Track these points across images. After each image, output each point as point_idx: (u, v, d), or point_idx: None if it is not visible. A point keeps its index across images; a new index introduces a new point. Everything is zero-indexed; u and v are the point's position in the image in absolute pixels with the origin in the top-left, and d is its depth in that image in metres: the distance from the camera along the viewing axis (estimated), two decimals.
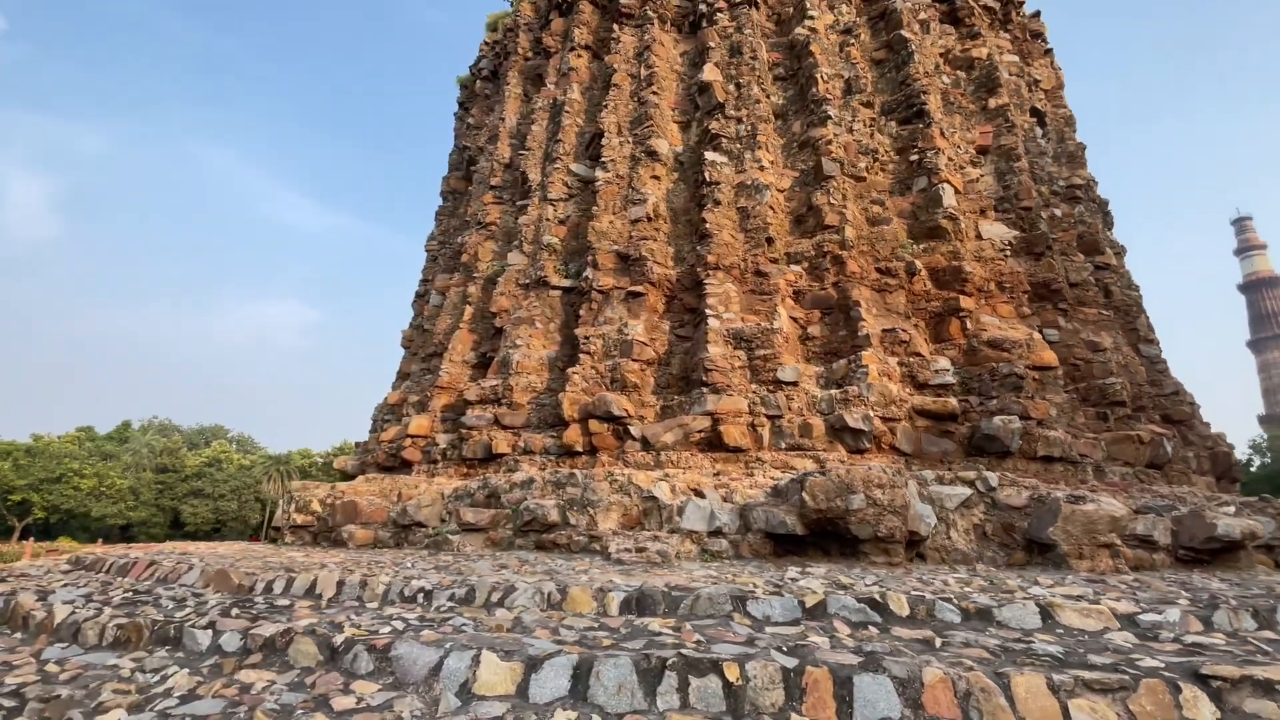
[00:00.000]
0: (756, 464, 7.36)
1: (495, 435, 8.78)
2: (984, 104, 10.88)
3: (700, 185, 9.81)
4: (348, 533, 8.02)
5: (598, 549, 6.52)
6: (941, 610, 3.50)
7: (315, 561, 5.94)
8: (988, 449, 7.37)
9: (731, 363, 7.95)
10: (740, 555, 6.29)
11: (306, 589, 4.34)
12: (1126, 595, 4.10)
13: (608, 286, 9.38)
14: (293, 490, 9.77)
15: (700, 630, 3.22)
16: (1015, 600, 3.59)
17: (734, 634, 3.15)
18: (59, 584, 4.99)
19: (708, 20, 11.30)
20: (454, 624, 3.36)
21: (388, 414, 12.05)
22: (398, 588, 4.14)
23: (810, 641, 2.98)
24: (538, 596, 3.86)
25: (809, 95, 10.28)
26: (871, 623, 3.40)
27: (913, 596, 3.56)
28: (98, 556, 6.45)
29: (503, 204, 12.14)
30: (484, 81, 14.84)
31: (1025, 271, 9.18)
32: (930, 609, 3.50)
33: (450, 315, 11.55)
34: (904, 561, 5.77)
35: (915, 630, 3.25)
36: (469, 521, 7.17)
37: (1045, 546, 5.97)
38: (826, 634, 3.17)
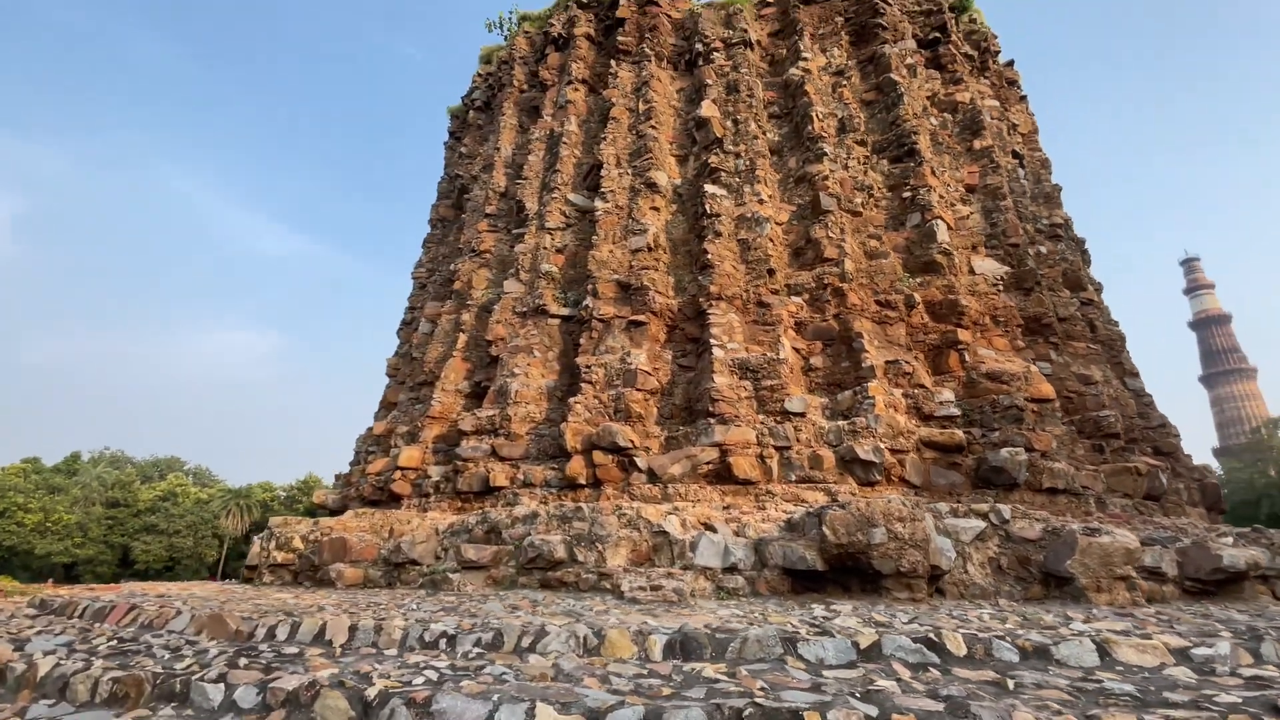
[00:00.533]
0: (767, 497, 7.23)
1: (493, 467, 8.50)
2: (969, 145, 11.30)
3: (700, 217, 9.89)
4: (335, 572, 7.58)
5: (608, 587, 6.27)
6: (999, 649, 3.38)
7: (308, 604, 5.57)
8: (995, 481, 7.39)
9: (738, 393, 7.88)
10: (757, 592, 6.11)
11: (315, 634, 4.02)
12: (1165, 629, 4.05)
13: (608, 315, 9.29)
14: (272, 526, 9.27)
15: (758, 676, 3.05)
16: (1069, 637, 3.50)
17: (795, 679, 2.98)
18: (30, 631, 4.54)
19: (704, 59, 11.58)
20: (491, 673, 3.12)
21: (373, 445, 11.62)
22: (416, 632, 3.86)
23: (879, 686, 2.83)
24: (572, 640, 3.63)
25: (804, 133, 10.54)
26: (930, 664, 3.27)
27: (968, 635, 3.45)
28: (67, 599, 5.94)
29: (497, 232, 12.05)
30: (477, 112, 14.90)
31: (1016, 306, 9.41)
32: (988, 648, 3.38)
33: (442, 343, 11.29)
34: (926, 597, 5.66)
35: (977, 671, 3.13)
36: (470, 559, 6.84)
37: (1063, 580, 5.93)
38: (890, 677, 3.02)
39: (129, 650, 3.82)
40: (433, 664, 3.32)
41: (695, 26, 12.03)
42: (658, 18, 12.32)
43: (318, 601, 5.70)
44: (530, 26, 14.41)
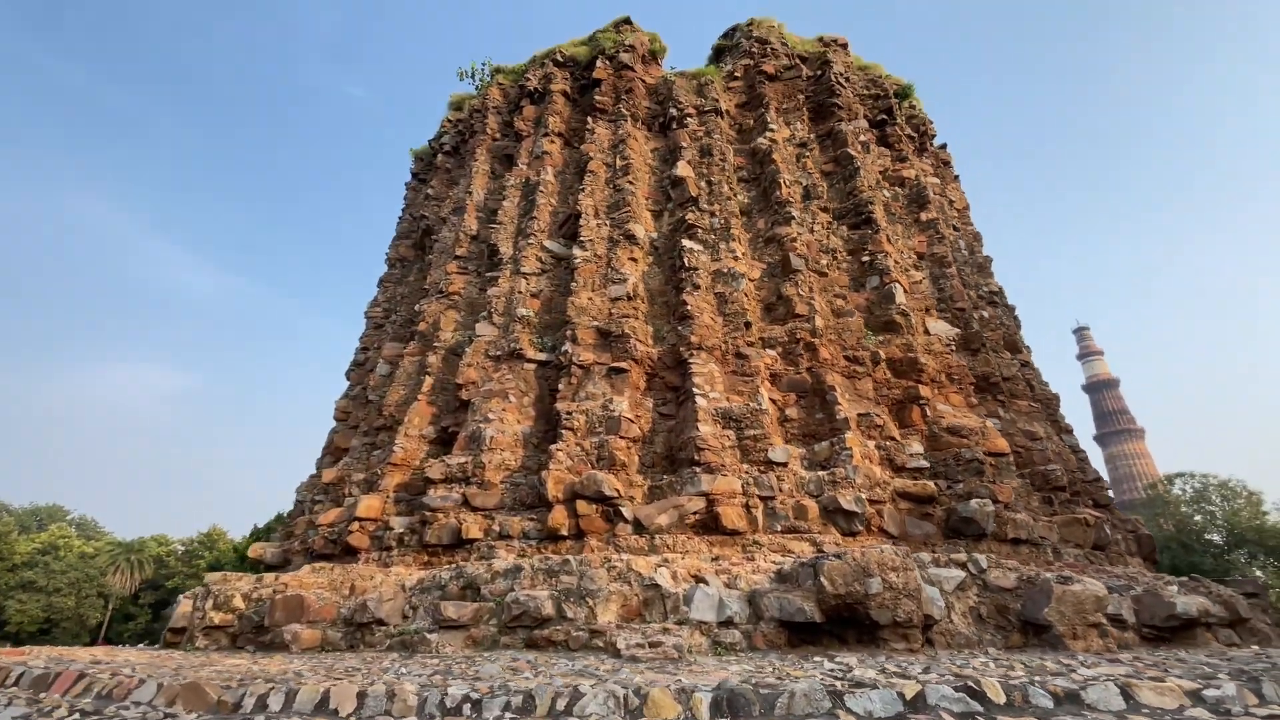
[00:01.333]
0: (754, 547, 7.23)
1: (465, 517, 8.09)
2: (917, 217, 12.29)
3: (678, 270, 10.16)
4: (290, 633, 6.89)
5: (601, 645, 6.00)
6: (1035, 695, 3.48)
7: (277, 670, 5.02)
8: (964, 531, 7.72)
9: (722, 442, 7.96)
10: (754, 646, 6.01)
11: (316, 703, 3.62)
12: (1163, 673, 4.29)
13: (589, 362, 9.25)
14: (209, 583, 8.38)
15: None
16: (1093, 681, 3.65)
17: None
18: None
19: (678, 123, 12.17)
20: None
21: (319, 494, 10.84)
22: (434, 698, 3.56)
23: None
24: (611, 702, 3.44)
25: (773, 197, 11.17)
26: (975, 712, 3.31)
27: (1005, 683, 3.53)
28: None
29: (467, 274, 11.88)
30: (446, 155, 14.90)
31: (966, 365, 10.11)
32: (1025, 695, 3.47)
33: (404, 386, 10.83)
34: (921, 647, 5.76)
35: (1019, 718, 3.20)
36: (450, 617, 6.40)
37: (1040, 627, 6.19)
38: None
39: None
40: None
41: (669, 92, 12.67)
42: (633, 81, 12.92)
43: (286, 668, 5.14)
44: (504, 79, 14.74)
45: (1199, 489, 32.04)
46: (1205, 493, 31.70)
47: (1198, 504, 31.72)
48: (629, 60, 13.13)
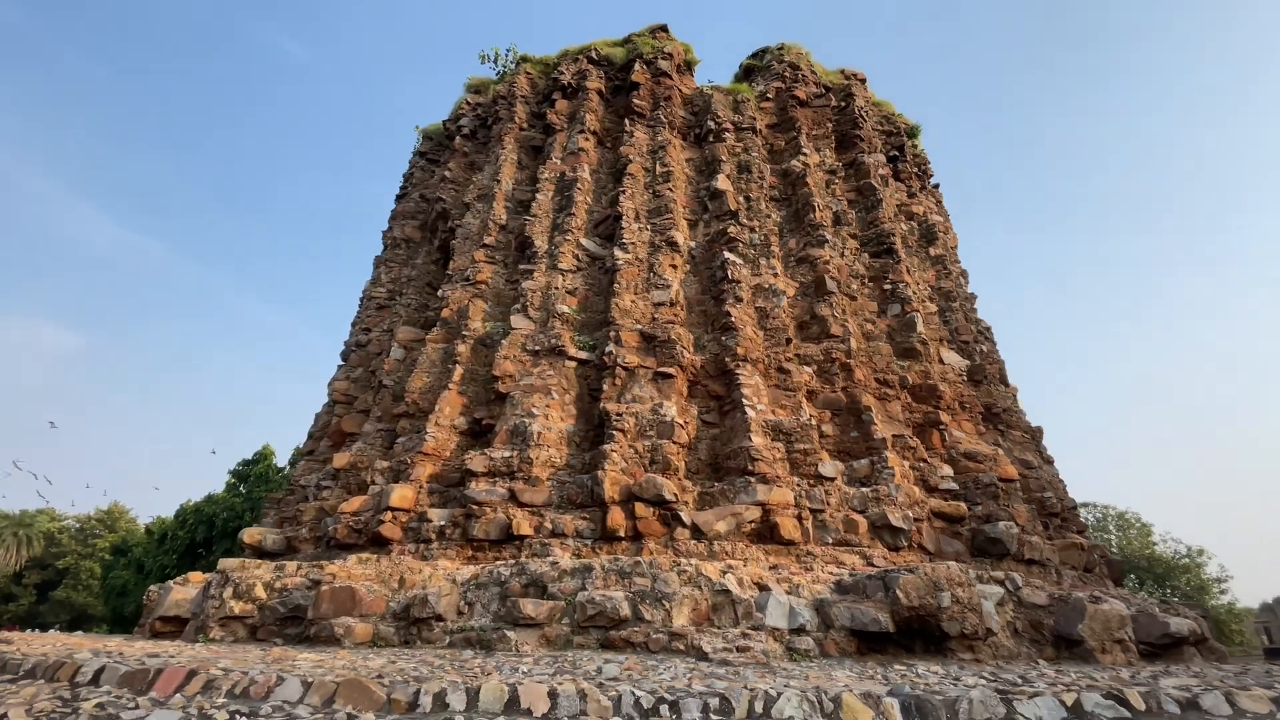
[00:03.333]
0: (808, 557, 7.52)
1: (514, 513, 7.97)
2: (927, 251, 13.09)
3: (720, 281, 10.38)
4: (342, 627, 6.58)
5: (682, 647, 6.11)
6: (1166, 703, 3.90)
7: (377, 666, 4.85)
8: (990, 551, 8.33)
9: (774, 454, 8.23)
10: (826, 654, 6.28)
11: (505, 701, 3.57)
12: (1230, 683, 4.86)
13: (633, 364, 9.31)
14: (227, 570, 7.87)
15: None
16: (1206, 691, 4.12)
17: None
18: (46, 706, 3.50)
19: (715, 136, 12.42)
20: None
21: (329, 480, 10.33)
22: (628, 699, 3.59)
23: None
24: (806, 705, 3.60)
25: (806, 219, 11.60)
26: (1124, 718, 3.69)
27: (1143, 692, 3.94)
28: (39, 659, 4.58)
29: (494, 264, 11.64)
30: (465, 139, 14.51)
31: (975, 395, 10.87)
32: (1159, 702, 3.89)
33: (427, 373, 10.49)
34: (985, 658, 6.21)
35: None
36: (528, 615, 6.31)
37: (1073, 642, 6.79)
38: None
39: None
40: None
41: (706, 105, 12.91)
42: (672, 90, 13.07)
43: (394, 665, 4.97)
44: (532, 69, 14.53)
45: (1099, 519, 35.34)
46: (1104, 522, 35.00)
47: (1098, 533, 34.97)
48: (667, 68, 13.28)
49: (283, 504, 11.38)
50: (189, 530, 27.93)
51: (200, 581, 9.19)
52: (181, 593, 8.82)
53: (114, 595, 30.33)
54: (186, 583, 9.14)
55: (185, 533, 27.97)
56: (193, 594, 8.82)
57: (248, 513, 27.77)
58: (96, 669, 4.24)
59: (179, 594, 8.76)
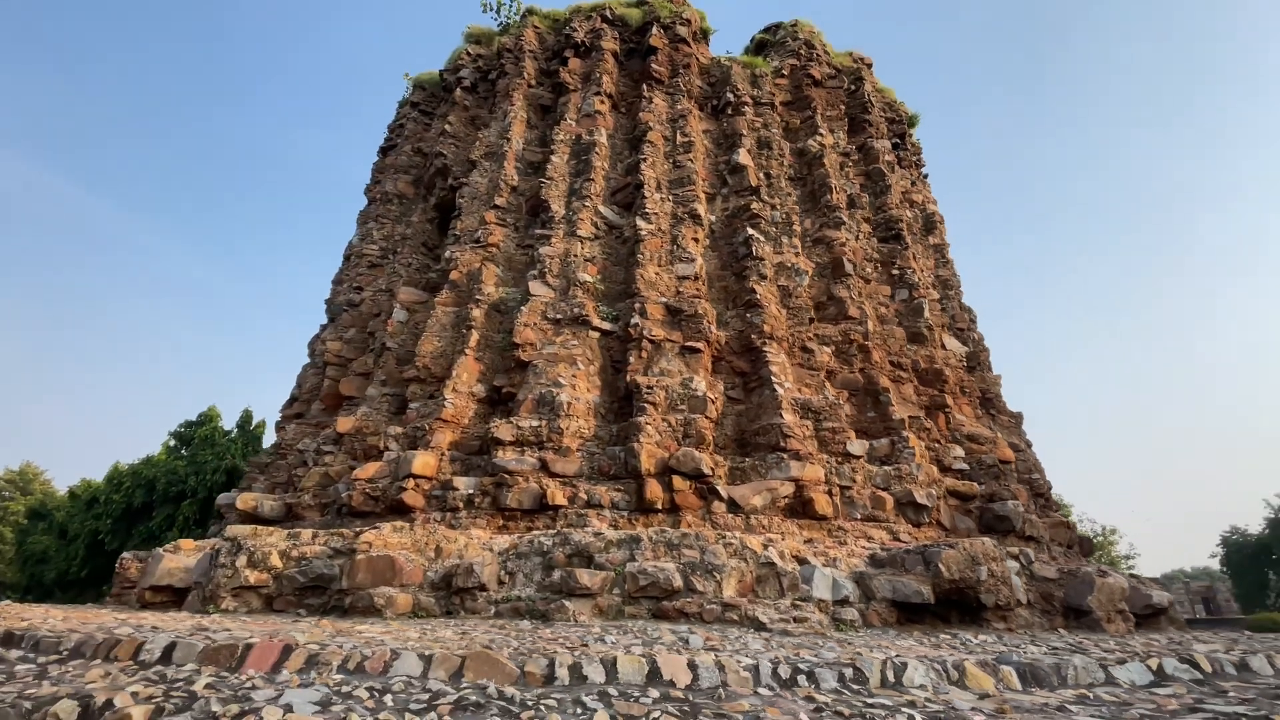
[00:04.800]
0: (839, 532, 7.74)
1: (547, 483, 7.82)
2: (927, 239, 13.44)
3: (742, 258, 10.36)
4: (383, 597, 6.33)
5: (736, 618, 6.20)
6: (1224, 665, 4.26)
7: (448, 637, 4.71)
8: (997, 528, 8.81)
9: (804, 431, 8.37)
10: (869, 624, 6.52)
11: (645, 674, 3.52)
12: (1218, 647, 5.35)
13: (659, 338, 9.21)
14: (239, 536, 7.43)
15: (1134, 695, 3.49)
16: (1253, 654, 4.52)
17: (1167, 697, 3.48)
18: (145, 690, 3.22)
19: (734, 109, 12.25)
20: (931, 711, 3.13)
21: (330, 444, 9.85)
22: (766, 669, 3.62)
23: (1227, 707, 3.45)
24: (933, 673, 3.72)
25: (822, 200, 11.68)
26: (1197, 679, 4.00)
27: (1208, 655, 4.28)
28: (83, 638, 4.18)
29: (505, 226, 11.20)
30: (465, 92, 13.76)
31: (973, 381, 11.36)
32: (1220, 665, 4.24)
33: (438, 338, 10.06)
34: (1016, 627, 6.60)
35: (1239, 682, 3.93)
36: (584, 585, 6.25)
37: (1080, 612, 7.32)
38: (1217, 693, 3.67)
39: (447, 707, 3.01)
40: (841, 705, 3.19)
41: (724, 77, 12.69)
42: (690, 58, 12.76)
43: (475, 637, 4.83)
44: (540, 23, 13.86)
45: None
46: None
47: None
48: (685, 35, 12.94)
49: (272, 468, 10.78)
50: (125, 494, 26.12)
51: (193, 549, 8.66)
52: (174, 560, 8.29)
53: (32, 562, 28.22)
54: (178, 550, 8.59)
55: (121, 496, 26.11)
56: (187, 562, 8.31)
57: (192, 477, 26.20)
58: (165, 645, 3.92)
59: (171, 562, 8.23)
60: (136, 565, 9.86)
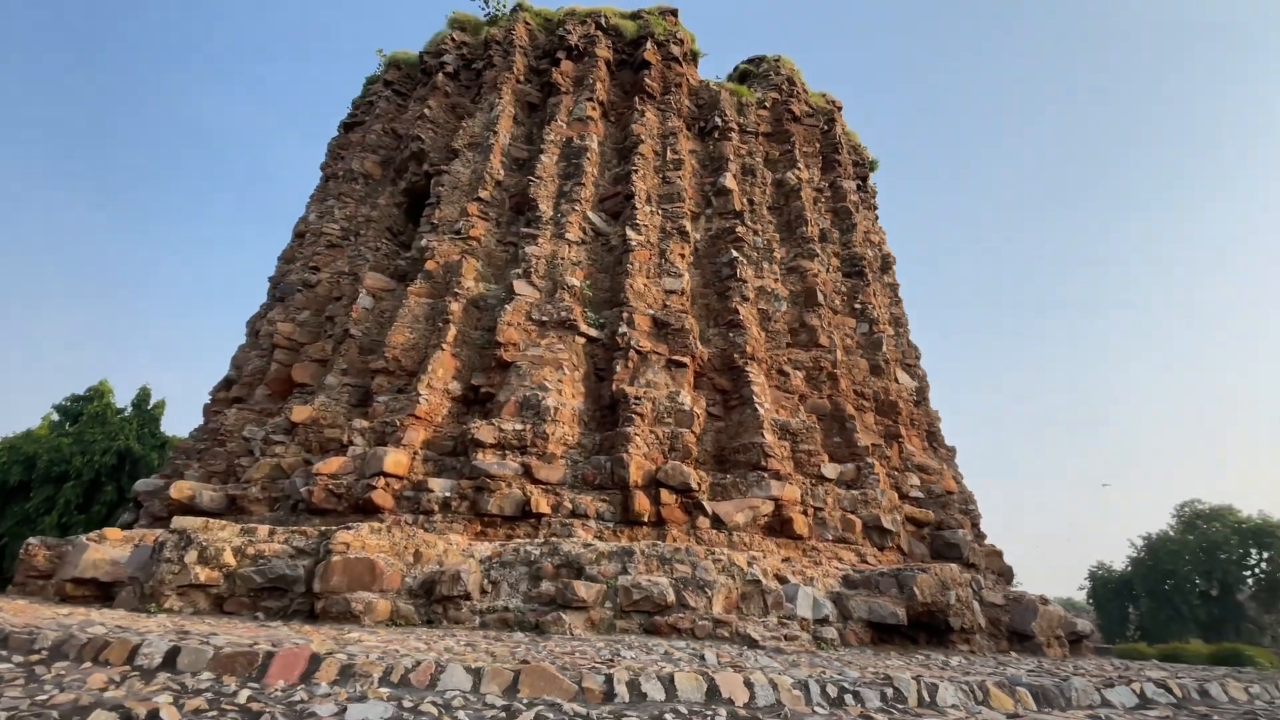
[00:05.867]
0: (813, 552, 8.00)
1: (530, 490, 7.59)
2: (882, 278, 14.28)
3: (725, 278, 10.58)
4: (361, 603, 5.90)
5: (726, 634, 6.27)
6: (1190, 690, 4.76)
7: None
8: (946, 554, 9.40)
9: (782, 451, 8.61)
10: (847, 643, 6.77)
11: (704, 692, 3.49)
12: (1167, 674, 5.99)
13: (646, 349, 9.22)
14: (187, 529, 6.72)
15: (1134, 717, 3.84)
16: (1210, 681, 5.07)
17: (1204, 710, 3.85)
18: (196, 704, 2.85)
19: (721, 134, 12.55)
20: None
21: (282, 434, 9.11)
22: (815, 690, 3.69)
23: None
24: (961, 693, 3.93)
25: (797, 231, 12.16)
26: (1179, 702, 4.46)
27: (1178, 683, 4.77)
28: (61, 636, 3.61)
29: (488, 221, 10.86)
30: (448, 78, 13.27)
31: (921, 414, 12.13)
32: (1187, 691, 4.74)
33: (410, 329, 9.57)
34: (978, 650, 7.04)
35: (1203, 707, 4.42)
36: (580, 598, 6.09)
37: (1024, 637, 7.93)
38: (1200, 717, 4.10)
39: None
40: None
41: (714, 101, 12.99)
42: (682, 77, 12.98)
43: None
44: (531, 19, 13.64)
45: None
46: None
47: None
48: (677, 54, 13.15)
49: (207, 455, 9.81)
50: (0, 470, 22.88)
51: (120, 539, 7.79)
52: (99, 551, 7.42)
53: None
54: (103, 540, 7.70)
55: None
56: (115, 554, 7.46)
57: (78, 457, 23.32)
58: (166, 650, 3.49)
59: (96, 553, 7.37)
60: (46, 553, 8.71)
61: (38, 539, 9.12)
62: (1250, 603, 42.18)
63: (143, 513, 10.14)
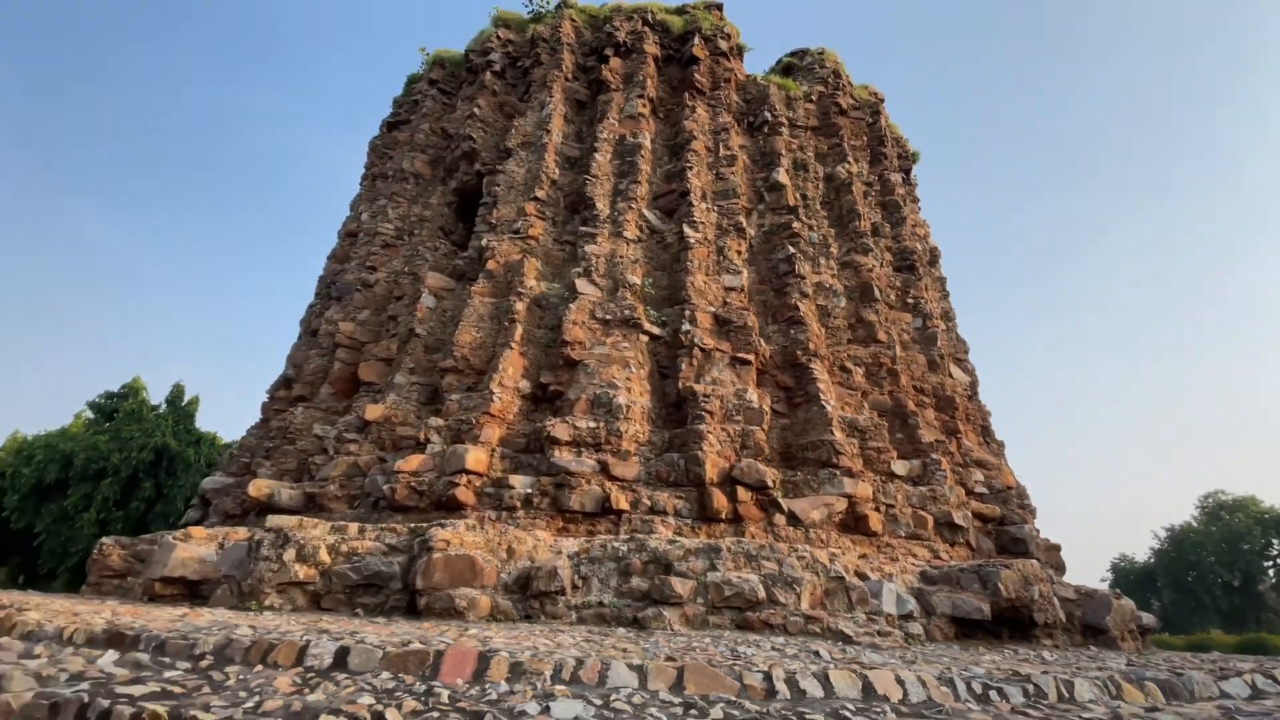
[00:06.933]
0: (887, 549, 8.06)
1: (609, 486, 7.71)
2: (931, 272, 14.21)
3: (785, 275, 10.59)
4: (465, 600, 6.05)
5: (818, 630, 6.35)
6: None
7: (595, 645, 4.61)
8: (1013, 549, 9.42)
9: (852, 448, 8.66)
10: (932, 638, 6.83)
11: (860, 689, 3.57)
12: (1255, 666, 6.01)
13: (710, 347, 9.28)
14: (283, 527, 6.90)
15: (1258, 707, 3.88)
16: None
17: None
18: (414, 705, 2.97)
19: (771, 129, 12.52)
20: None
21: (354, 432, 9.28)
22: (961, 687, 3.76)
23: None
24: (1096, 689, 3.98)
25: (849, 226, 12.13)
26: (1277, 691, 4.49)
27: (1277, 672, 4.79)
28: (254, 640, 3.76)
29: (545, 220, 10.94)
30: (495, 76, 13.33)
31: (977, 409, 12.11)
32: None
33: (477, 328, 9.70)
34: (1061, 644, 7.08)
35: None
36: (676, 594, 6.20)
37: (1098, 631, 7.95)
38: None
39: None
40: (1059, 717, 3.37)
41: (763, 96, 12.95)
42: (730, 72, 12.94)
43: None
44: (577, 15, 13.65)
45: None
46: None
47: None
48: (725, 49, 13.12)
49: (276, 454, 10.02)
50: (36, 468, 23.42)
51: (204, 538, 7.98)
52: (187, 550, 7.61)
53: None
54: (189, 539, 7.89)
55: (31, 471, 23.43)
56: (201, 552, 7.65)
57: (115, 454, 23.88)
58: (335, 651, 3.62)
59: (185, 552, 7.56)
60: (120, 553, 8.96)
61: (111, 539, 9.37)
62: (1271, 593, 41.63)
63: (212, 510, 10.39)
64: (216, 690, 3.12)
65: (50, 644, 4.07)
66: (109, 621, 4.49)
